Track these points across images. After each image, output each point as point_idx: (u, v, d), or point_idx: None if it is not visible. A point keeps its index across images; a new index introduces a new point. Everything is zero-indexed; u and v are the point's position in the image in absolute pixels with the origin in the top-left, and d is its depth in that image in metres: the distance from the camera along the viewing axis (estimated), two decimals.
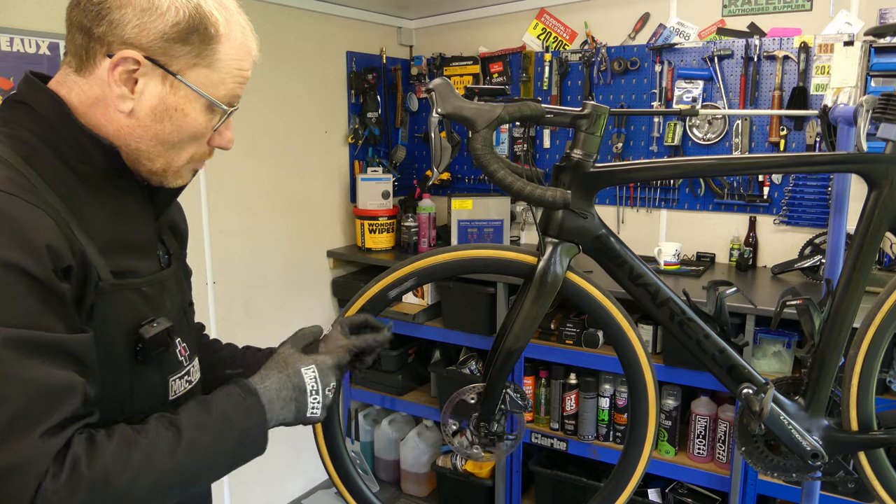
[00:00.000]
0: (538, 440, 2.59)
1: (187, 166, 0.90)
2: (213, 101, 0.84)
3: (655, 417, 1.17)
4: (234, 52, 0.84)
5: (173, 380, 0.91)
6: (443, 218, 3.14)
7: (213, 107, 0.85)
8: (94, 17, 0.79)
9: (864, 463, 1.19)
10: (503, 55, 3.03)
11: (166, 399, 0.90)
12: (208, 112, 0.85)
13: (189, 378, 0.95)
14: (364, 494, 1.20)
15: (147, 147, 0.85)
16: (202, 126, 0.85)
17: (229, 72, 0.84)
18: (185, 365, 0.94)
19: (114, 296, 0.81)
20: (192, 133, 0.85)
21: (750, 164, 1.24)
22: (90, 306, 0.78)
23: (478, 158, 0.95)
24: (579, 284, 1.11)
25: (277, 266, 2.81)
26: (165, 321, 0.86)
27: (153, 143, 0.84)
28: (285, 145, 2.79)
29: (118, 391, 0.83)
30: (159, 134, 0.84)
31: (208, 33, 0.81)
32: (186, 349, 0.95)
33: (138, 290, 0.86)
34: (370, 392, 3.07)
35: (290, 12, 2.71)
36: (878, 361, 1.14)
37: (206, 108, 0.85)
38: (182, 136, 0.85)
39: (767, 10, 2.50)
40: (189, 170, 0.91)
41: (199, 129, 0.86)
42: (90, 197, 0.83)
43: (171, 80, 0.81)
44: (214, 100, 0.84)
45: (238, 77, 0.86)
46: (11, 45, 1.83)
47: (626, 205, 2.85)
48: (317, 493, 3.07)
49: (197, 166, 0.92)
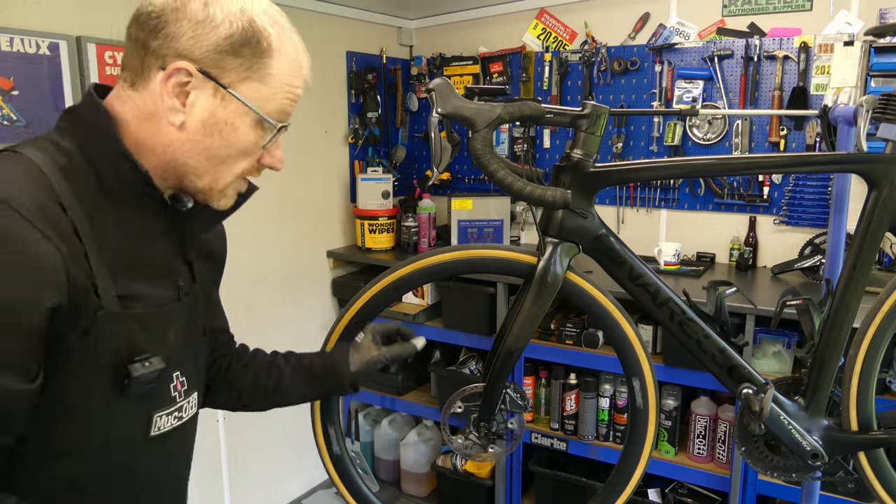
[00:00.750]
0: (538, 440, 2.59)
1: (233, 185, 0.88)
2: (263, 116, 0.84)
3: (655, 417, 1.17)
4: (286, 68, 0.84)
5: (158, 415, 0.89)
6: (443, 218, 3.14)
7: (262, 122, 0.84)
8: (150, 30, 0.80)
9: (863, 463, 1.19)
10: (503, 55, 3.03)
11: (147, 435, 0.88)
12: (258, 128, 0.85)
13: (179, 415, 0.93)
14: (364, 494, 1.20)
15: (195, 162, 0.84)
16: (251, 142, 0.85)
17: (280, 87, 0.84)
18: (177, 401, 0.91)
19: (112, 324, 0.80)
20: (241, 148, 0.85)
21: (750, 164, 1.24)
22: (83, 332, 0.77)
23: (478, 158, 0.95)
24: (579, 284, 1.11)
25: (278, 266, 2.81)
26: (159, 362, 0.84)
27: (202, 157, 0.84)
28: (285, 145, 2.77)
29: (96, 419, 0.81)
30: (208, 148, 0.83)
31: (261, 47, 0.81)
32: (185, 384, 0.93)
33: (140, 319, 0.84)
34: (370, 392, 3.07)
35: (290, 12, 2.66)
36: (878, 361, 1.14)
37: (255, 124, 0.84)
38: (231, 151, 0.84)
39: (767, 10, 2.50)
40: (234, 188, 0.89)
41: (248, 145, 0.85)
42: (113, 216, 0.82)
43: (223, 93, 0.81)
44: (264, 115, 0.84)
45: (289, 93, 0.85)
46: (11, 45, 1.83)
47: (626, 205, 2.85)
48: (317, 493, 3.07)
49: (241, 186, 0.91)
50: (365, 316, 1.14)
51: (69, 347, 0.77)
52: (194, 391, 0.96)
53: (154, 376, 0.83)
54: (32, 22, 1.88)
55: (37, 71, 1.88)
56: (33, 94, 1.88)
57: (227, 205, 0.90)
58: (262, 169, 0.90)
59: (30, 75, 1.87)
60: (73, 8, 1.96)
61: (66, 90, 1.94)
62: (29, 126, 1.87)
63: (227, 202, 0.89)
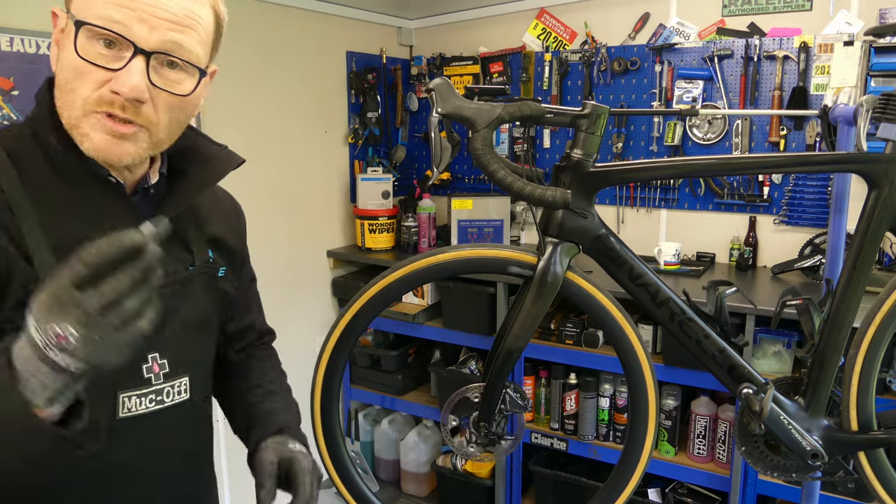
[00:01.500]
0: (538, 440, 2.59)
1: (88, 121, 0.81)
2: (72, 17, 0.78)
3: (655, 417, 1.17)
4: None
5: (126, 396, 0.87)
6: (443, 218, 3.14)
7: (90, 35, 0.78)
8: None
9: (864, 463, 1.19)
10: (503, 55, 3.03)
11: (115, 415, 0.86)
12: (85, 41, 0.78)
13: (159, 398, 0.91)
14: (364, 494, 1.20)
15: (57, 100, 0.82)
16: (74, 55, 0.78)
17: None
18: (152, 383, 0.90)
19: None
20: (70, 65, 0.79)
21: (750, 164, 1.24)
22: (17, 303, 0.76)
23: (478, 158, 0.95)
24: (579, 284, 1.11)
25: (278, 266, 2.81)
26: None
27: (59, 92, 0.82)
28: (285, 145, 2.79)
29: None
30: (58, 79, 0.82)
31: None
32: (164, 367, 0.91)
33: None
34: (370, 392, 3.07)
35: (290, 12, 2.71)
36: (878, 361, 1.14)
37: (82, 37, 0.78)
38: (67, 74, 0.80)
39: (767, 10, 2.50)
40: (92, 126, 0.81)
41: (73, 59, 0.78)
42: (63, 196, 0.83)
43: (66, 17, 0.81)
44: (75, 17, 0.78)
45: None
46: (11, 45, 1.83)
47: (626, 205, 2.85)
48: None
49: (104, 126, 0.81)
50: (365, 315, 1.14)
51: (6, 319, 0.76)
52: (183, 378, 0.94)
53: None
54: (32, 22, 1.88)
55: (37, 71, 1.88)
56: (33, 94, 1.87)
57: (93, 147, 0.81)
58: (117, 101, 0.80)
59: (30, 75, 1.87)
60: None
61: None
62: None
63: (91, 144, 0.81)
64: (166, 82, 0.82)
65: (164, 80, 0.82)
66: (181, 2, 0.81)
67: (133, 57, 0.78)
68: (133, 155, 0.83)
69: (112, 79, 0.78)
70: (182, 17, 0.81)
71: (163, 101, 0.83)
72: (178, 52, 0.81)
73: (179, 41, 0.81)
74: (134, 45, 0.78)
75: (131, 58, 0.78)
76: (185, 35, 0.81)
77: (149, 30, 0.78)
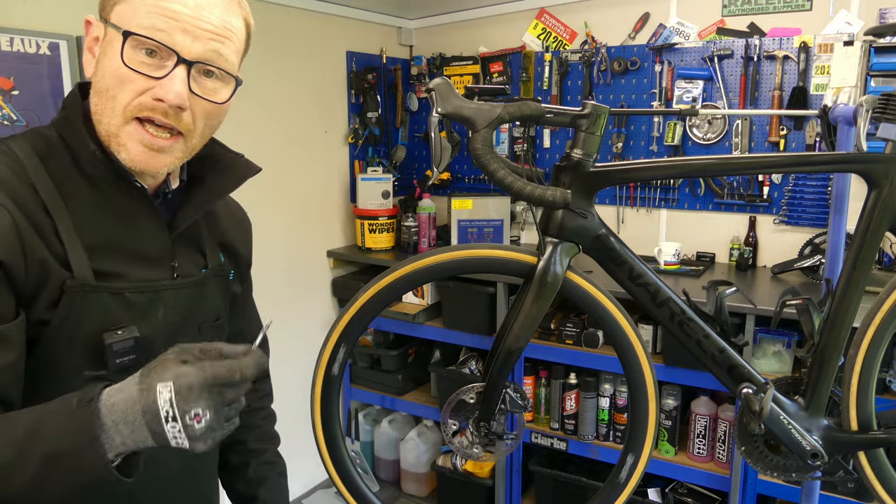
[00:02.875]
0: (538, 440, 2.59)
1: (127, 130, 0.83)
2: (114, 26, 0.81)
3: (655, 417, 1.17)
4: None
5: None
6: (443, 218, 3.14)
7: (134, 45, 0.80)
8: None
9: (863, 463, 1.18)
10: (503, 55, 3.03)
11: None
12: (129, 50, 0.81)
13: None
14: (364, 494, 1.20)
15: (94, 105, 0.85)
16: (119, 62, 0.80)
17: (142, 2, 0.81)
18: None
19: (84, 296, 0.82)
20: (114, 72, 0.81)
21: (750, 164, 1.24)
22: (51, 303, 0.80)
23: (478, 158, 0.95)
24: (579, 284, 1.11)
25: (278, 266, 2.81)
26: (134, 331, 0.85)
27: (97, 98, 0.84)
28: (285, 145, 2.79)
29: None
30: (97, 84, 0.84)
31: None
32: None
33: (120, 294, 0.86)
34: (370, 392, 3.07)
35: (290, 12, 2.71)
36: (878, 361, 1.14)
37: (123, 45, 0.80)
38: (109, 80, 0.82)
39: (767, 9, 2.50)
40: (130, 136, 0.83)
41: (118, 67, 0.80)
42: (93, 199, 0.85)
43: (104, 27, 0.83)
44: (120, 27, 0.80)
45: (153, 6, 0.80)
46: (11, 45, 1.83)
47: (626, 205, 2.85)
48: (317, 493, 3.07)
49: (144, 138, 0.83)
50: (365, 315, 1.14)
51: (41, 321, 0.80)
52: None
53: (130, 345, 0.84)
54: (32, 22, 1.88)
55: (37, 71, 1.88)
56: (33, 94, 1.88)
57: (130, 158, 0.84)
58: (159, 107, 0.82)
59: (30, 75, 1.87)
60: (73, 8, 1.96)
61: (66, 90, 1.93)
62: (29, 126, 1.87)
63: (128, 155, 0.83)
64: (204, 90, 0.86)
65: (202, 88, 0.85)
66: (221, 14, 0.85)
67: (176, 66, 0.81)
68: (169, 166, 0.87)
69: (154, 87, 0.81)
70: (221, 29, 0.85)
71: (200, 108, 0.86)
72: (217, 61, 0.85)
73: (219, 51, 0.85)
74: (177, 55, 0.81)
75: (174, 66, 0.81)
76: (223, 45, 0.85)
77: (191, 40, 0.82)
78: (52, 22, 1.92)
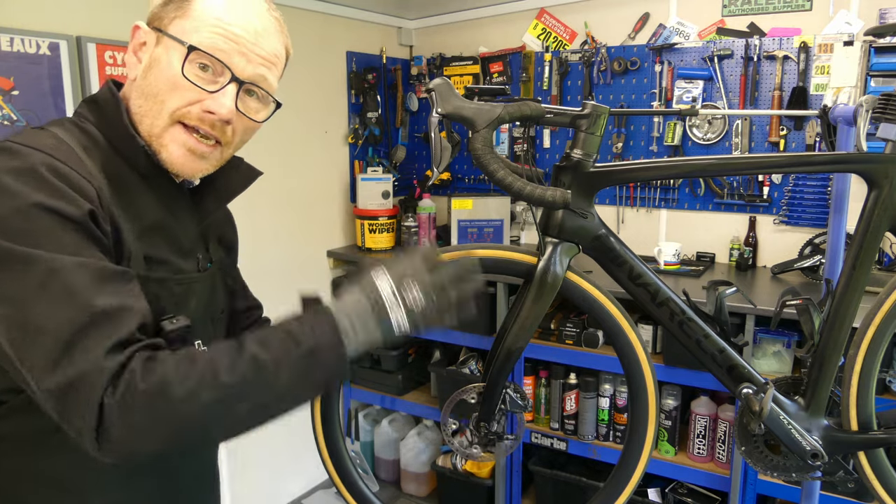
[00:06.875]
0: (538, 440, 2.59)
1: (171, 133, 0.89)
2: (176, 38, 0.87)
3: (655, 417, 1.17)
4: (213, 4, 0.89)
5: None
6: (443, 218, 3.14)
7: (190, 56, 0.87)
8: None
9: (863, 463, 1.19)
10: (503, 55, 3.03)
11: None
12: (188, 64, 0.87)
13: None
14: (364, 494, 1.20)
15: (136, 106, 0.90)
16: (176, 72, 0.87)
17: (205, 21, 0.88)
18: None
19: (143, 282, 0.85)
20: (168, 79, 0.87)
21: (750, 164, 1.24)
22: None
23: (478, 158, 0.95)
24: (579, 284, 1.11)
25: (277, 266, 2.81)
26: (185, 319, 0.89)
27: (141, 99, 0.90)
28: (285, 145, 2.79)
29: None
30: (144, 87, 0.89)
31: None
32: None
33: (165, 284, 0.90)
34: (370, 392, 3.07)
35: (290, 12, 2.69)
36: (878, 361, 1.14)
37: (182, 57, 0.87)
38: (161, 85, 0.88)
39: (767, 10, 2.50)
40: (174, 139, 0.90)
41: (174, 75, 0.87)
42: (138, 190, 0.90)
43: (158, 35, 0.89)
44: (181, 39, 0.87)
45: (216, 27, 0.87)
46: (11, 45, 1.83)
47: (626, 205, 2.85)
48: (317, 493, 3.07)
49: (187, 142, 0.90)
50: None
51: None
52: None
53: (184, 332, 0.88)
54: (32, 22, 1.88)
55: (37, 71, 1.88)
56: (33, 94, 1.88)
57: (170, 159, 0.90)
58: (207, 119, 0.89)
59: (30, 75, 1.87)
60: (73, 8, 1.96)
61: (67, 90, 1.94)
62: (29, 126, 1.87)
63: (170, 156, 0.90)
64: (247, 109, 0.94)
65: (246, 106, 0.93)
66: (273, 43, 0.93)
67: (229, 83, 0.89)
68: (204, 171, 0.95)
69: (205, 99, 0.88)
70: (271, 56, 0.93)
71: (242, 124, 0.94)
72: (263, 83, 0.93)
73: (266, 75, 0.93)
74: (232, 73, 0.89)
75: (227, 83, 0.89)
76: (269, 71, 0.94)
77: (245, 62, 0.90)
78: (52, 22, 1.92)
